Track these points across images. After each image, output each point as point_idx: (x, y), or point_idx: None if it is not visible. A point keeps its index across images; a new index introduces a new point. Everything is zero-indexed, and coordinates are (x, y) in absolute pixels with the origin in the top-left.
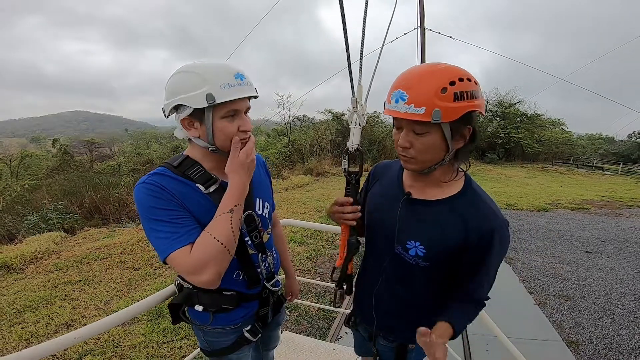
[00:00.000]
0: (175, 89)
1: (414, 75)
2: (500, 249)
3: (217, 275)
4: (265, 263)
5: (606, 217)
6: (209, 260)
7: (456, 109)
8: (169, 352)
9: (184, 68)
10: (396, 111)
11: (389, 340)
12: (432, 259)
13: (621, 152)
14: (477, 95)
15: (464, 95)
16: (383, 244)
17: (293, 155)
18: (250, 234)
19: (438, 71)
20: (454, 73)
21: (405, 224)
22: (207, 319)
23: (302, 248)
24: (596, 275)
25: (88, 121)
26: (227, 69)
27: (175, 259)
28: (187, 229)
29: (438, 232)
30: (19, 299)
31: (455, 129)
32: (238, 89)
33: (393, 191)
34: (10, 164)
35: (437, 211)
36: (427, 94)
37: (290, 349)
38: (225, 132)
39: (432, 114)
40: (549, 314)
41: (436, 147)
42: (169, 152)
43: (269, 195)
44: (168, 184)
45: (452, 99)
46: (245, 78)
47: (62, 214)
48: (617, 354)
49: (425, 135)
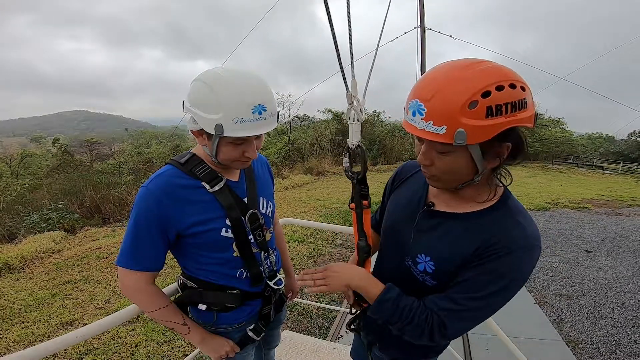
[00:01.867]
0: (194, 100)
1: (436, 81)
2: (509, 271)
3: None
4: (267, 261)
5: (606, 216)
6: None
7: (488, 128)
8: (170, 351)
9: (208, 79)
10: (413, 126)
11: (384, 353)
12: (441, 278)
13: (621, 151)
14: (523, 105)
15: (501, 109)
16: (394, 252)
17: (293, 154)
18: (253, 232)
19: (468, 77)
20: (490, 78)
21: (420, 236)
22: (211, 318)
23: (303, 247)
24: (596, 274)
25: (88, 121)
26: (247, 100)
27: (121, 273)
28: (150, 257)
29: (450, 249)
30: (20, 298)
31: (488, 149)
32: (252, 126)
33: (416, 198)
34: (11, 164)
35: (456, 225)
36: (449, 109)
37: (290, 348)
38: (228, 155)
39: (455, 136)
40: (549, 313)
41: (462, 169)
42: (169, 151)
43: (272, 194)
44: (171, 187)
45: (484, 115)
46: (266, 110)
47: (63, 213)
48: (617, 353)
49: (449, 154)
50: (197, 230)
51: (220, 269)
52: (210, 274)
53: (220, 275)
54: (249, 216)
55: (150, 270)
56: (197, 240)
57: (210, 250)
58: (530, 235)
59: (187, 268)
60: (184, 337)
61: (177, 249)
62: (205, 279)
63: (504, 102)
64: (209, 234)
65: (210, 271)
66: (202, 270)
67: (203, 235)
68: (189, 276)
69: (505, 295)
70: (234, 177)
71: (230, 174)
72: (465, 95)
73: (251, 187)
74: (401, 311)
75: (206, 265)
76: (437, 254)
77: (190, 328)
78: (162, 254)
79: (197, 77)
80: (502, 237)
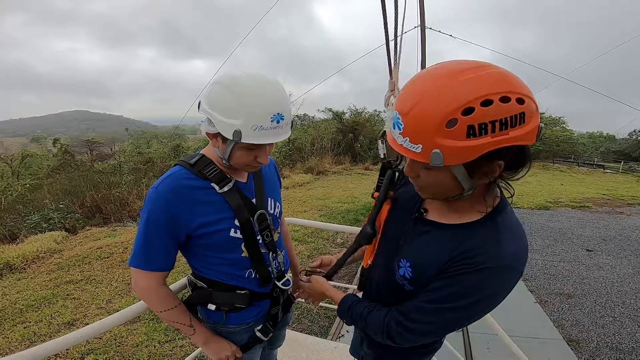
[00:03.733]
0: (213, 102)
1: (415, 92)
2: (473, 290)
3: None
4: (275, 262)
5: (607, 215)
6: (145, 300)
7: (468, 150)
8: (171, 350)
9: (229, 82)
10: (393, 139)
11: (371, 350)
12: (417, 285)
13: (622, 150)
14: (520, 120)
15: (486, 128)
16: (386, 252)
17: (294, 154)
18: (262, 232)
19: (449, 89)
20: (475, 91)
21: (406, 241)
22: (220, 318)
23: (303, 247)
24: (597, 273)
25: (88, 121)
26: (268, 109)
27: (134, 273)
28: (161, 257)
29: (428, 257)
30: (21, 298)
31: (475, 168)
32: (270, 134)
33: (412, 201)
34: (12, 164)
35: (441, 235)
36: (423, 128)
37: (292, 347)
38: (241, 159)
39: (431, 157)
40: (549, 313)
41: (447, 185)
42: (169, 151)
43: (279, 195)
44: (181, 188)
45: (464, 136)
46: (284, 119)
47: (64, 213)
48: (617, 352)
49: (433, 169)
50: (206, 230)
51: (229, 269)
52: (220, 274)
53: (229, 276)
54: (257, 217)
55: (162, 270)
56: (206, 240)
57: (219, 251)
58: (508, 256)
59: (197, 268)
60: (188, 337)
61: (186, 250)
62: (215, 279)
63: (491, 120)
64: (218, 234)
65: (220, 271)
66: (211, 270)
67: (212, 235)
68: (199, 276)
69: (463, 315)
70: (243, 179)
71: (238, 175)
72: (442, 112)
73: (259, 188)
74: (356, 318)
75: (215, 265)
76: (416, 261)
77: (196, 329)
78: (173, 254)
79: (217, 79)
80: (477, 252)
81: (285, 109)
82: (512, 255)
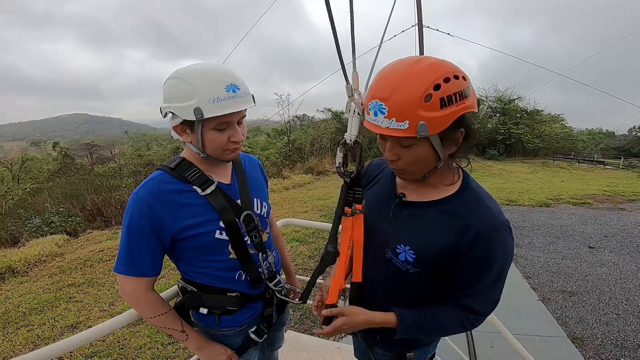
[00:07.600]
0: (168, 95)
1: (390, 81)
2: (501, 255)
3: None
4: (266, 263)
5: (608, 212)
6: (133, 306)
7: (444, 118)
8: (174, 353)
9: (178, 73)
10: (377, 126)
11: (386, 349)
12: (422, 264)
13: (622, 146)
14: (468, 93)
15: (452, 99)
16: (376, 248)
17: (293, 154)
18: (249, 233)
19: (418, 73)
20: (437, 73)
21: (396, 228)
22: (213, 321)
23: (304, 247)
24: (600, 270)
25: (87, 124)
26: (220, 80)
27: (120, 280)
28: (146, 262)
29: (427, 236)
30: (25, 302)
31: (446, 137)
32: (229, 103)
33: (387, 192)
34: (12, 168)
35: (429, 213)
36: (408, 105)
37: (294, 348)
38: (215, 142)
39: (417, 129)
40: (553, 310)
41: (426, 158)
42: (169, 153)
43: (266, 195)
44: (162, 192)
45: (439, 107)
46: (240, 89)
47: (65, 216)
48: (622, 349)
49: (412, 147)
50: (192, 233)
51: (218, 271)
52: (209, 277)
53: (218, 278)
54: (243, 218)
55: (148, 275)
56: (192, 243)
57: (206, 253)
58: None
59: (185, 272)
60: (182, 343)
61: (173, 254)
62: (204, 282)
63: (453, 92)
64: (203, 236)
65: (208, 274)
66: (200, 273)
67: (198, 238)
68: (188, 280)
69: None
70: (226, 180)
71: (221, 176)
72: (420, 90)
73: (244, 189)
74: (430, 329)
75: (203, 268)
76: (416, 243)
77: (189, 335)
78: (158, 258)
79: (166, 79)
80: (478, 221)
81: (238, 80)
82: (498, 209)
